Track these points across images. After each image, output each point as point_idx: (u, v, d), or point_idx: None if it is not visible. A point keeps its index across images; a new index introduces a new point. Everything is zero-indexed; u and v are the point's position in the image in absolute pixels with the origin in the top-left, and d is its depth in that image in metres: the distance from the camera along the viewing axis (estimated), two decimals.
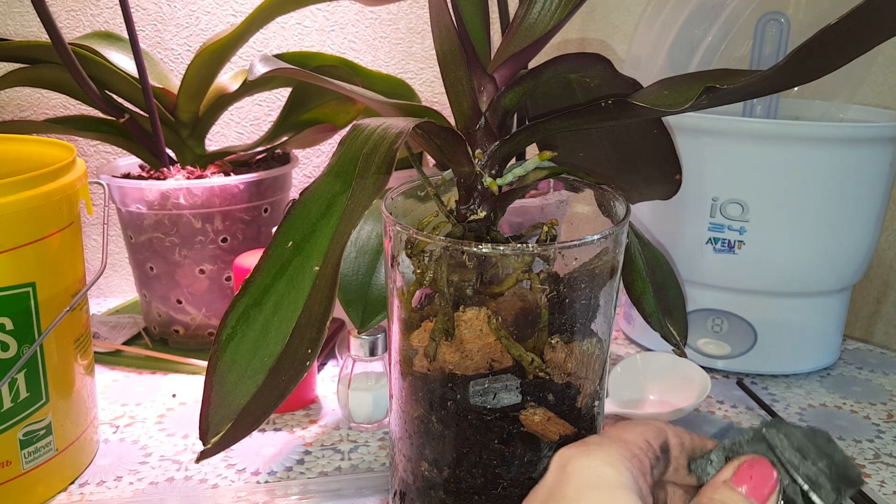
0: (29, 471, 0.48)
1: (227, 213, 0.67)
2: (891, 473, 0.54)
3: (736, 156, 0.61)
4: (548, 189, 0.66)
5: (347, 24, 0.85)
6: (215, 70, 0.69)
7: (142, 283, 0.70)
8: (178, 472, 0.53)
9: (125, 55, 0.69)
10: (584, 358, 0.38)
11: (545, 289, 0.36)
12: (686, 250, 0.65)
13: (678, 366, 0.62)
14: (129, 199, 0.66)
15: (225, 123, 0.85)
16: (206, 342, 0.70)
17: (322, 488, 0.51)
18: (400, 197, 0.42)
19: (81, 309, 0.52)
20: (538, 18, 0.37)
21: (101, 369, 0.68)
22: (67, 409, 0.51)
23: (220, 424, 0.31)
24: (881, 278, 0.83)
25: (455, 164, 0.39)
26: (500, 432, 0.37)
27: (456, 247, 0.35)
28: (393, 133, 0.33)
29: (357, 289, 0.46)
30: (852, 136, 0.59)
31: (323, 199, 0.34)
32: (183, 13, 0.81)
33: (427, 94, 0.89)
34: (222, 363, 0.33)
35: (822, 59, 0.30)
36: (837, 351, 0.70)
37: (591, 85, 0.42)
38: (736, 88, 0.31)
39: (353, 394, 0.57)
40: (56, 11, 0.77)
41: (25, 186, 0.45)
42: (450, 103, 0.39)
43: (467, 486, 0.37)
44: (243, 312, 0.33)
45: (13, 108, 0.80)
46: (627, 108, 0.35)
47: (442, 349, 0.37)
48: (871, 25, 0.28)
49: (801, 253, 0.62)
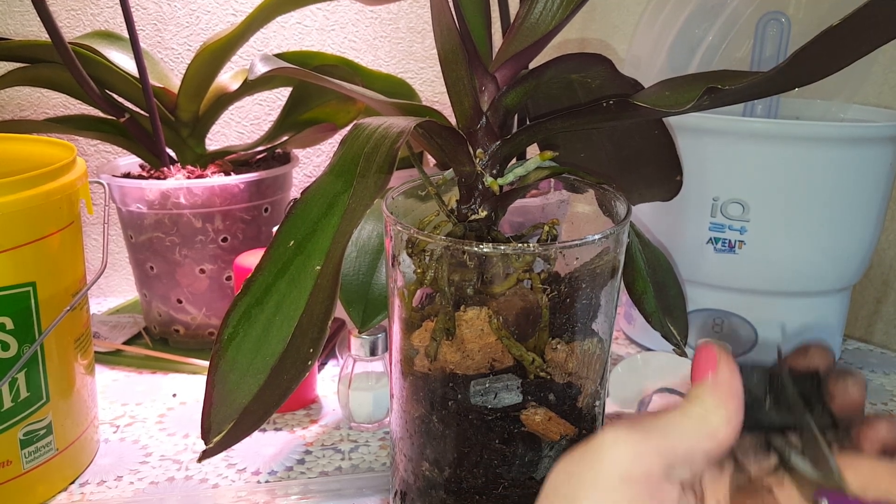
0: (29, 470, 0.48)
1: (227, 212, 0.67)
2: None
3: (736, 155, 0.61)
4: (549, 189, 0.66)
5: (348, 23, 0.85)
6: (215, 69, 0.69)
7: (142, 283, 0.70)
8: (178, 471, 0.53)
9: (125, 55, 0.69)
10: (585, 358, 0.38)
11: (546, 288, 0.36)
12: (687, 250, 0.65)
13: (679, 365, 0.62)
14: (130, 199, 0.66)
15: (225, 123, 0.85)
16: (206, 342, 0.70)
17: (322, 488, 0.51)
18: (401, 196, 0.42)
19: (82, 308, 0.52)
20: (539, 18, 0.37)
21: (102, 369, 0.68)
22: (68, 408, 0.50)
23: (222, 424, 0.31)
24: (881, 278, 0.83)
25: (456, 163, 0.39)
26: (501, 432, 0.37)
27: (457, 246, 0.35)
28: (394, 132, 0.33)
29: (358, 288, 0.46)
30: (853, 135, 0.59)
31: (324, 199, 0.34)
32: (183, 12, 0.81)
33: (427, 93, 0.89)
34: (224, 362, 0.33)
35: (823, 61, 0.30)
36: (837, 351, 0.70)
37: (592, 85, 0.42)
38: (737, 89, 0.31)
39: (354, 393, 0.57)
40: (56, 11, 0.77)
41: (25, 186, 0.45)
42: (451, 103, 0.39)
43: (468, 486, 0.37)
44: (245, 312, 0.33)
45: (13, 108, 0.80)
46: (629, 108, 0.35)
47: (443, 349, 0.37)
48: (872, 28, 0.28)
49: (801, 253, 0.62)
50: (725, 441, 0.27)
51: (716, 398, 0.27)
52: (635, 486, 0.26)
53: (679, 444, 0.27)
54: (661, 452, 0.26)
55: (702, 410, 0.27)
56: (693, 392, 0.28)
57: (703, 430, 0.27)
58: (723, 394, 0.27)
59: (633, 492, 0.25)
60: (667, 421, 0.27)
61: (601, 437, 0.27)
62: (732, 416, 0.27)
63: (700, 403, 0.27)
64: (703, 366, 0.28)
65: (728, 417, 0.27)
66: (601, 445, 0.26)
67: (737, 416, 0.27)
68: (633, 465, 0.26)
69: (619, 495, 0.25)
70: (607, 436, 0.27)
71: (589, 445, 0.27)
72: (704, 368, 0.28)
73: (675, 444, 0.26)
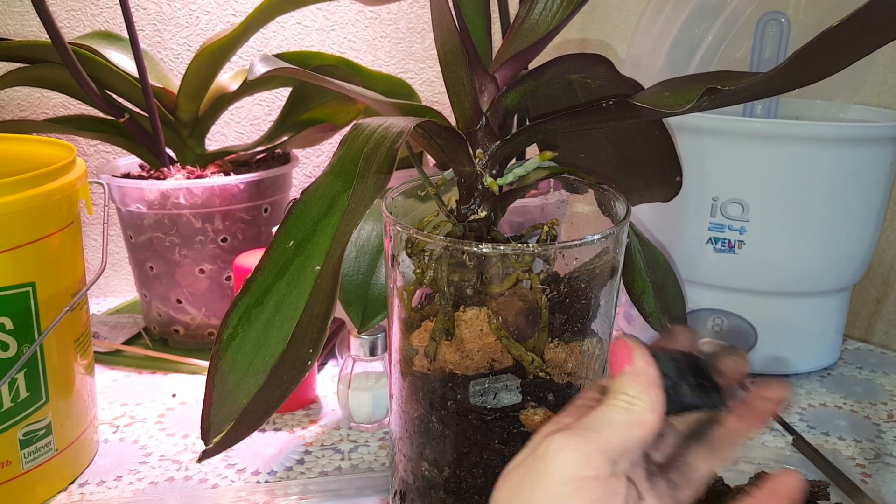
0: (29, 471, 0.48)
1: (227, 212, 0.67)
2: (891, 473, 0.54)
3: (736, 155, 0.61)
4: (548, 189, 0.66)
5: (347, 23, 0.85)
6: (215, 70, 0.69)
7: (142, 283, 0.70)
8: (178, 471, 0.53)
9: (125, 55, 0.69)
10: (585, 358, 0.38)
11: (545, 289, 0.36)
12: (686, 250, 0.65)
13: None
14: (129, 199, 0.66)
15: (225, 123, 0.85)
16: (206, 342, 0.70)
17: (322, 488, 0.51)
18: (400, 196, 0.42)
19: (81, 309, 0.52)
20: (539, 19, 0.37)
21: (101, 369, 0.68)
22: (67, 408, 0.50)
23: (222, 424, 0.31)
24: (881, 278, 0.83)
25: (456, 163, 0.39)
26: (501, 432, 0.37)
27: (456, 246, 0.35)
28: (394, 132, 0.33)
29: (357, 288, 0.46)
30: (852, 136, 0.59)
31: (324, 199, 0.34)
32: (183, 13, 0.81)
33: (427, 93, 0.89)
34: (224, 363, 0.33)
35: (822, 62, 0.30)
36: (837, 351, 0.70)
37: (592, 86, 0.42)
38: (737, 90, 0.31)
39: (354, 394, 0.57)
40: (56, 11, 0.77)
41: (25, 186, 0.45)
42: (451, 103, 0.39)
43: (468, 486, 0.37)
44: (245, 312, 0.33)
45: (13, 108, 0.80)
46: (628, 108, 0.35)
47: (442, 349, 0.37)
48: (871, 29, 0.28)
49: (801, 253, 0.62)
50: (653, 426, 0.28)
51: (637, 388, 0.29)
52: (588, 486, 0.27)
53: (614, 437, 0.28)
54: (603, 449, 0.27)
55: (626, 401, 0.28)
56: (615, 385, 0.29)
57: (632, 420, 0.28)
58: (643, 383, 0.29)
59: (588, 493, 0.26)
60: (597, 417, 0.28)
61: (546, 446, 0.28)
62: (656, 401, 0.28)
63: (623, 395, 0.29)
64: (619, 359, 0.29)
65: (652, 403, 0.28)
66: (546, 454, 0.27)
67: (660, 402, 0.28)
68: (582, 468, 0.27)
69: (575, 499, 0.26)
70: (552, 444, 0.28)
71: (532, 455, 0.28)
72: (620, 360, 0.29)
73: (612, 439, 0.28)
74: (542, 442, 0.28)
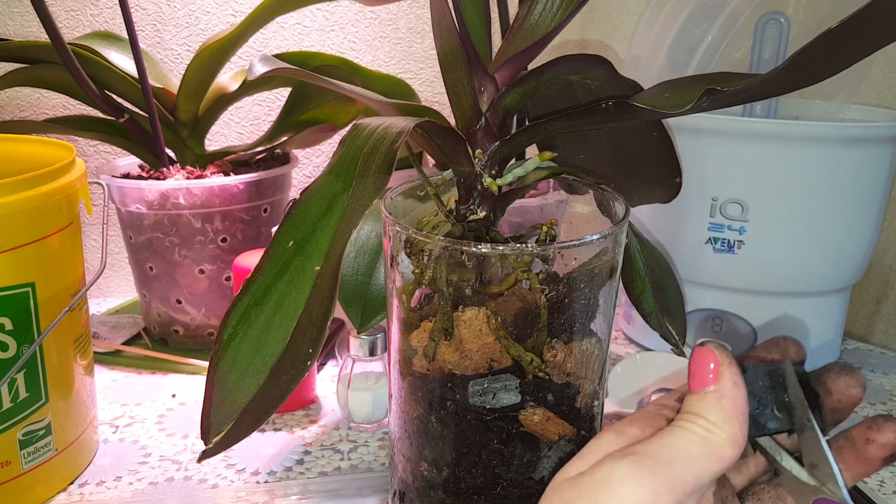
0: (28, 471, 0.48)
1: (226, 213, 0.67)
2: (891, 473, 0.54)
3: (736, 156, 0.61)
4: (547, 189, 0.66)
5: (347, 23, 0.85)
6: (215, 70, 0.69)
7: (141, 283, 0.70)
8: (177, 472, 0.53)
9: (125, 55, 0.69)
10: (584, 358, 0.38)
11: (544, 289, 0.36)
12: (686, 250, 0.65)
13: (678, 366, 0.62)
14: (129, 199, 0.66)
15: (225, 123, 0.85)
16: (205, 342, 0.70)
17: (322, 488, 0.51)
18: (399, 197, 0.42)
19: (81, 309, 0.52)
20: (539, 19, 0.37)
21: (101, 369, 0.68)
22: (67, 409, 0.50)
23: (222, 424, 0.31)
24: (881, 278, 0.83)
25: (455, 163, 0.39)
26: (500, 432, 0.37)
27: (455, 247, 0.35)
28: (393, 132, 0.33)
29: (356, 289, 0.46)
30: (852, 136, 0.59)
31: (324, 199, 0.34)
32: (183, 13, 0.81)
33: (427, 94, 0.89)
34: (223, 363, 0.33)
35: (822, 63, 0.30)
36: (837, 351, 0.70)
37: (591, 86, 0.42)
38: (736, 91, 0.31)
39: (353, 394, 0.57)
40: (56, 11, 0.77)
41: (25, 186, 0.45)
42: (450, 103, 0.39)
43: (467, 486, 0.37)
44: (244, 312, 0.33)
45: (13, 108, 0.80)
46: (628, 109, 0.35)
47: (441, 349, 0.37)
48: (872, 30, 0.28)
49: (801, 253, 0.62)
50: (731, 461, 0.25)
51: (719, 414, 0.25)
52: None
53: (686, 474, 0.25)
54: (672, 488, 0.24)
55: (705, 428, 0.25)
56: (695, 406, 0.26)
57: (709, 453, 0.25)
58: (728, 410, 0.25)
59: None
60: (670, 445, 0.25)
61: (608, 473, 0.25)
62: (738, 434, 0.25)
63: (702, 420, 0.25)
64: (703, 372, 0.26)
65: (734, 436, 0.25)
66: (609, 483, 0.25)
67: (743, 434, 0.25)
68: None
69: None
70: (615, 473, 0.25)
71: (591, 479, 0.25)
72: (704, 375, 0.26)
73: (683, 476, 0.25)
74: (605, 466, 0.25)
